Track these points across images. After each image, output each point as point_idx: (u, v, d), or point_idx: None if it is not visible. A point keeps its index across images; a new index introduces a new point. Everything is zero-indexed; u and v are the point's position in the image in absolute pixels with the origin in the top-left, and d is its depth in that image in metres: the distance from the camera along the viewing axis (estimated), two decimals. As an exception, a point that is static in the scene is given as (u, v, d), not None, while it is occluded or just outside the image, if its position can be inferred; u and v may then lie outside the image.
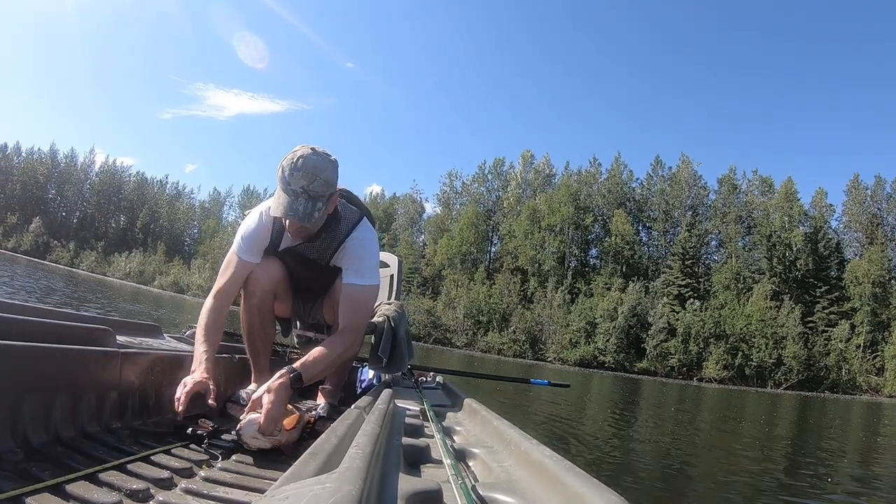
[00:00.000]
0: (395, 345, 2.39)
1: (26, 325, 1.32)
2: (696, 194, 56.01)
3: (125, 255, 62.29)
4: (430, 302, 52.39)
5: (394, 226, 64.48)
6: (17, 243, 64.75)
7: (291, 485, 0.63)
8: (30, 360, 1.18)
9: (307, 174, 1.68)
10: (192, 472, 1.23)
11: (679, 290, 48.98)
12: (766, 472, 5.40)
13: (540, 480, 0.91)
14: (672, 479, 4.74)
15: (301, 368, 1.61)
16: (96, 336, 1.52)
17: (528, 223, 54.70)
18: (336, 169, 1.79)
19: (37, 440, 1.17)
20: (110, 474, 1.10)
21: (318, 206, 1.73)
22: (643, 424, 8.86)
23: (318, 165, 1.70)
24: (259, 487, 1.17)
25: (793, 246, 50.46)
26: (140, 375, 1.58)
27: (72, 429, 1.28)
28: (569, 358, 45.30)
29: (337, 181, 1.80)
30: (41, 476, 1.02)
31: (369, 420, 1.14)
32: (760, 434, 9.69)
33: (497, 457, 1.18)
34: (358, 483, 0.62)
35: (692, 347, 45.13)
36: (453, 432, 1.59)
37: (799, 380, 43.37)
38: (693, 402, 18.48)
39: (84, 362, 1.36)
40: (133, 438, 1.40)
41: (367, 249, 1.98)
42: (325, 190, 1.73)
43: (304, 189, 1.69)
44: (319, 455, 0.80)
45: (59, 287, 19.84)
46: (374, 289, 1.98)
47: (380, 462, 0.93)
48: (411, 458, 1.22)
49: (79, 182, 73.68)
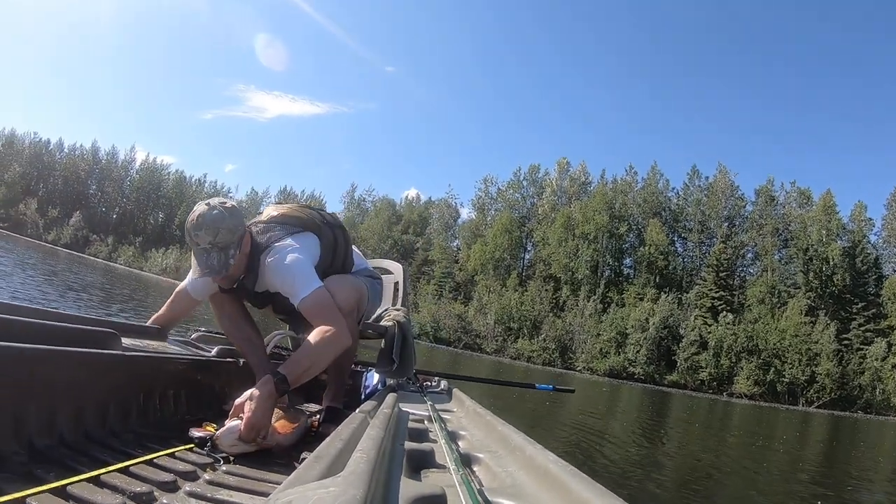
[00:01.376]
0: (404, 349, 2.43)
1: (32, 328, 1.33)
2: (733, 205, 55.19)
3: (162, 251, 63.49)
4: (462, 307, 52.66)
5: (428, 230, 64.84)
6: (56, 236, 66.13)
7: (295, 488, 0.63)
8: (35, 363, 1.19)
9: (209, 230, 1.75)
10: (195, 475, 1.24)
11: (712, 302, 48.42)
12: (793, 495, 5.13)
13: (545, 485, 0.92)
14: (693, 498, 4.61)
15: (285, 371, 1.62)
16: (101, 339, 1.53)
17: (563, 231, 54.44)
18: (236, 214, 1.84)
19: (41, 442, 1.18)
20: (114, 476, 1.11)
21: (231, 254, 1.80)
22: (669, 440, 8.66)
23: (215, 219, 1.76)
24: (263, 491, 1.17)
25: (830, 260, 49.45)
26: (144, 378, 1.59)
27: (76, 431, 1.29)
28: (598, 368, 45.34)
29: (241, 224, 1.85)
30: (45, 478, 1.03)
31: (374, 424, 1.15)
32: (790, 454, 9.46)
33: (502, 462, 1.19)
34: (362, 487, 0.62)
35: (724, 361, 44.64)
36: (458, 437, 1.58)
37: (831, 398, 42.73)
38: (722, 418, 18.25)
39: (89, 365, 1.36)
40: (137, 441, 1.41)
41: (284, 267, 1.92)
42: (231, 237, 1.79)
43: (212, 244, 1.76)
44: (324, 459, 0.81)
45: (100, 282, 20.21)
46: (320, 291, 1.89)
47: (384, 466, 0.93)
48: (415, 463, 1.22)
49: (119, 179, 74.75)
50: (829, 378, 43.19)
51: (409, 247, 62.86)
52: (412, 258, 60.65)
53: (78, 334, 1.45)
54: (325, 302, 1.88)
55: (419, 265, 59.84)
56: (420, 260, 60.61)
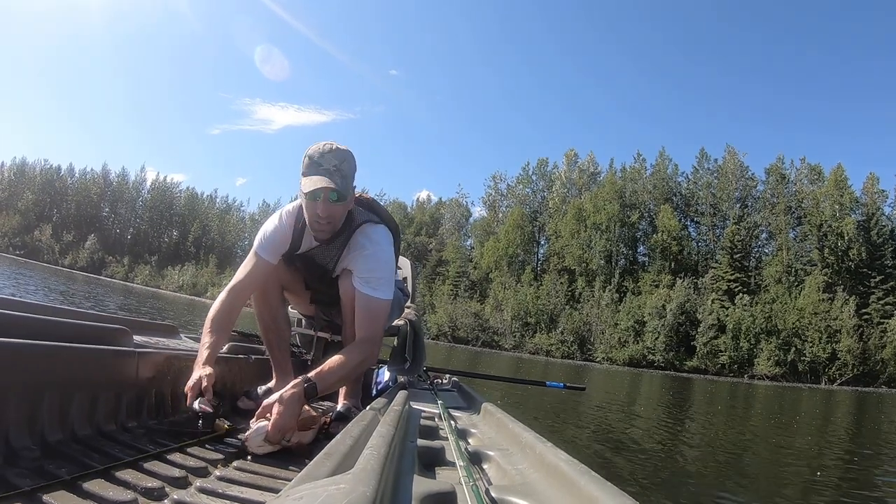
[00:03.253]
0: (416, 347, 2.44)
1: (45, 325, 1.33)
2: (744, 186, 54.80)
3: (178, 268, 64.33)
4: (478, 305, 52.85)
5: (440, 230, 65.14)
6: (73, 260, 67.45)
7: (306, 485, 0.63)
8: (48, 359, 1.20)
9: (337, 156, 1.74)
10: (206, 471, 1.24)
11: (728, 285, 48.22)
12: (816, 486, 4.75)
13: (554, 483, 0.91)
14: (718, 486, 4.39)
15: (316, 378, 1.61)
16: (114, 336, 1.53)
17: (574, 223, 54.45)
18: (355, 162, 1.83)
19: (54, 438, 1.18)
20: (125, 472, 1.11)
21: (352, 184, 1.78)
22: (691, 428, 8.46)
23: (344, 152, 1.77)
24: (274, 487, 1.17)
25: (845, 235, 48.91)
26: (156, 375, 1.58)
27: (88, 427, 1.29)
28: (618, 358, 45.34)
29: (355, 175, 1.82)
30: (57, 473, 1.03)
31: (384, 422, 1.15)
32: (815, 435, 9.20)
33: (512, 459, 1.18)
34: (372, 484, 0.62)
35: (743, 344, 44.41)
36: (468, 434, 1.58)
37: (854, 375, 42.33)
38: (744, 401, 17.77)
39: (101, 361, 1.37)
40: (148, 437, 1.41)
41: (380, 255, 1.92)
42: (352, 172, 1.79)
43: (337, 167, 1.73)
44: (334, 456, 0.81)
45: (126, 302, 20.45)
46: (388, 304, 1.91)
47: (394, 463, 0.94)
48: (426, 460, 1.22)
49: (131, 199, 76.11)
50: (850, 354, 42.77)
51: (423, 248, 63.07)
52: (426, 259, 60.92)
53: (90, 331, 1.47)
54: (382, 315, 1.90)
55: (433, 266, 60.13)
56: (434, 261, 60.86)
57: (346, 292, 1.93)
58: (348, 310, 1.93)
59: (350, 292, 1.89)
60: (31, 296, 11.42)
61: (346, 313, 1.96)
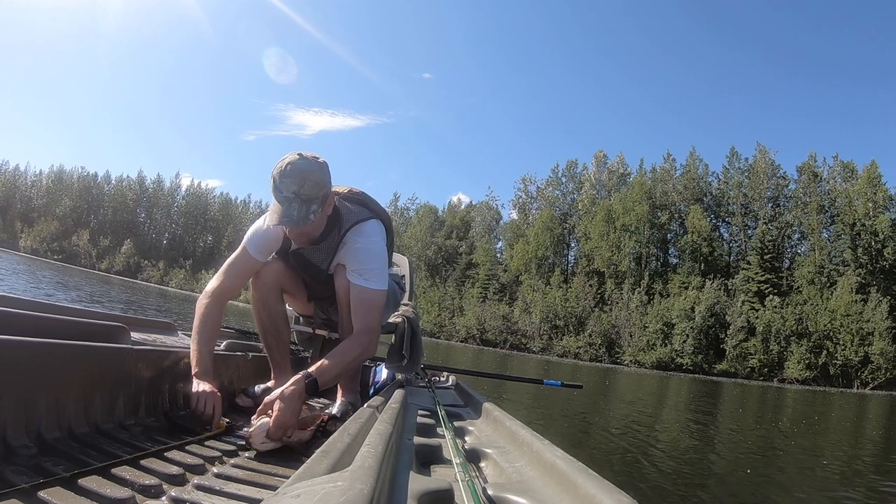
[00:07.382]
0: (413, 344, 2.43)
1: (42, 322, 1.33)
2: (776, 185, 53.67)
3: (212, 272, 64.61)
4: (507, 308, 53.08)
5: (471, 233, 65.04)
6: (109, 264, 69.32)
7: (303, 482, 0.63)
8: (45, 357, 1.19)
9: (296, 179, 1.68)
10: (204, 468, 1.23)
11: (758, 286, 47.46)
12: (854, 484, 4.70)
13: (551, 481, 0.92)
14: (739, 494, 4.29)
15: (316, 373, 1.62)
16: (111, 333, 1.53)
17: (604, 224, 54.04)
18: (325, 170, 1.77)
19: (50, 435, 1.17)
20: (123, 469, 1.10)
21: (312, 209, 1.72)
22: (718, 436, 8.08)
23: (305, 169, 1.70)
24: (271, 485, 1.17)
25: (879, 234, 47.40)
26: (153, 372, 1.58)
27: (85, 424, 1.29)
28: (645, 361, 45.13)
29: (329, 182, 1.79)
30: (54, 471, 1.02)
31: (382, 419, 1.15)
32: (847, 442, 8.83)
33: (509, 457, 1.19)
34: (369, 481, 0.62)
35: (773, 347, 43.74)
36: (466, 432, 1.59)
37: (887, 378, 41.36)
38: (774, 406, 17.06)
39: (98, 359, 1.36)
40: (146, 434, 1.41)
41: (372, 246, 1.94)
42: (317, 192, 1.72)
43: (296, 194, 1.69)
44: (331, 453, 0.81)
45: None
46: (382, 294, 1.94)
47: (391, 461, 0.94)
48: (423, 458, 1.23)
49: (166, 205, 77.59)
50: (883, 357, 41.70)
51: (453, 251, 63.34)
52: (456, 263, 61.25)
53: (87, 328, 1.46)
54: (377, 305, 1.91)
55: (463, 269, 60.37)
56: (464, 264, 61.07)
57: (340, 286, 1.96)
58: (344, 304, 1.96)
59: (345, 286, 1.93)
60: (78, 303, 10.94)
61: (342, 307, 1.99)
